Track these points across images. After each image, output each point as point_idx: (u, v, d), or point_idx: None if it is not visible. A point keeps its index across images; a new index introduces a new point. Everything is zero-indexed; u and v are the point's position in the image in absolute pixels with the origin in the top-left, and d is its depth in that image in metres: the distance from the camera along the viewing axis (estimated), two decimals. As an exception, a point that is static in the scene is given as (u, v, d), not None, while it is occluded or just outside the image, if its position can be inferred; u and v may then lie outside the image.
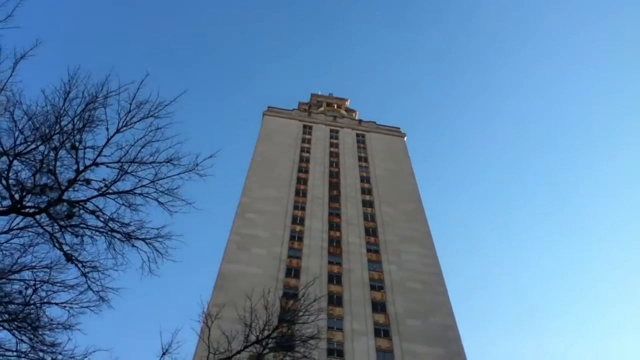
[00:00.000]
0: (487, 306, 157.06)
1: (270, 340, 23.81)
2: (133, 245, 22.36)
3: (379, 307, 59.19)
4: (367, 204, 78.69)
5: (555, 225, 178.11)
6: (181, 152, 23.06)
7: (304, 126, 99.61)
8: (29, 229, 20.93)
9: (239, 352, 23.28)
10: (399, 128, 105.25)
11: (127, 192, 22.02)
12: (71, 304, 22.23)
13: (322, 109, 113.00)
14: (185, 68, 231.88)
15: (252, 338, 23.63)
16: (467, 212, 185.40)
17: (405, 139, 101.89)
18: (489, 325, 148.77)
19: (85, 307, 22.57)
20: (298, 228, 70.44)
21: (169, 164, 22.47)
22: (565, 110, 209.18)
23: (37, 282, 21.08)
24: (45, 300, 21.74)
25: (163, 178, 22.67)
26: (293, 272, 62.55)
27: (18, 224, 20.84)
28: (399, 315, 58.05)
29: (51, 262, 22.19)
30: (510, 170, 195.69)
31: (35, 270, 22.08)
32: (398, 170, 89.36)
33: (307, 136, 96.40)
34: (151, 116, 22.32)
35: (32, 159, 20.38)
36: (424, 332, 56.17)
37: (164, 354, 22.36)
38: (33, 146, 20.31)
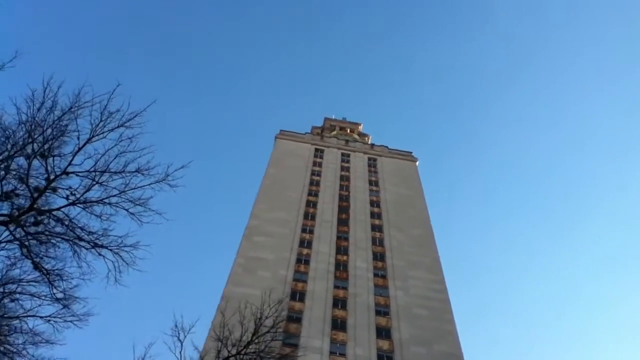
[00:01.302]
0: (493, 334, 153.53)
1: (244, 356, 23.58)
2: (99, 254, 22.49)
3: (383, 332, 58.36)
4: (376, 228, 78.24)
5: (566, 248, 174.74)
6: (152, 163, 23.16)
7: (316, 149, 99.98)
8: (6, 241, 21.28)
9: None
10: (411, 152, 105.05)
11: (96, 201, 22.23)
12: (55, 317, 22.38)
13: (334, 132, 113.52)
14: (200, 92, 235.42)
15: (225, 353, 23.45)
16: (475, 237, 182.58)
17: (417, 163, 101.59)
18: (494, 352, 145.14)
19: (69, 321, 22.72)
20: (305, 251, 70.20)
21: (138, 174, 22.62)
22: (575, 130, 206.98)
23: (13, 293, 21.35)
24: (30, 314, 21.96)
25: (133, 188, 22.82)
26: (298, 295, 62.16)
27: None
28: (403, 341, 57.12)
29: (38, 276, 22.43)
30: (519, 191, 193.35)
31: (22, 283, 22.35)
32: (409, 195, 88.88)
33: (319, 159, 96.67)
34: (122, 126, 22.58)
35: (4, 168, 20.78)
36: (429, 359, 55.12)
37: None
38: (6, 154, 20.70)
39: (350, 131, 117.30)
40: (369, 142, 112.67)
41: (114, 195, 22.65)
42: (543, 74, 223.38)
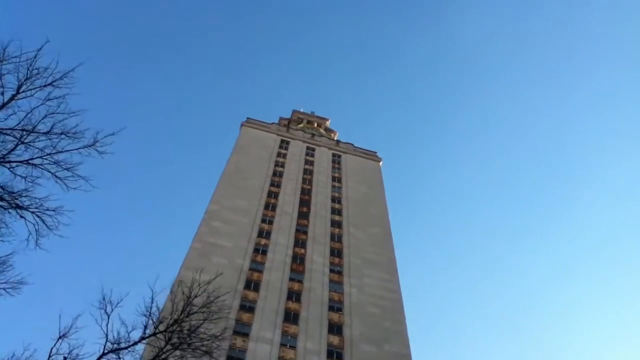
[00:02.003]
0: (447, 336, 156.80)
1: (172, 334, 23.02)
2: (20, 216, 21.62)
3: (335, 328, 58.48)
4: (336, 224, 78.36)
5: (527, 252, 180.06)
6: (81, 127, 22.35)
7: (282, 140, 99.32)
8: None
9: (135, 343, 22.52)
10: (375, 152, 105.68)
11: (20, 161, 21.34)
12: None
13: (301, 125, 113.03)
14: (170, 70, 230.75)
15: (152, 330, 22.88)
16: (433, 240, 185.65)
17: (381, 163, 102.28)
18: (444, 354, 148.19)
19: (2, 288, 21.76)
20: (263, 241, 69.65)
21: (66, 137, 21.80)
22: (548, 132, 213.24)
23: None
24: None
25: (61, 152, 21.97)
26: (253, 285, 61.62)
27: None
28: (354, 339, 57.39)
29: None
30: (482, 197, 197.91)
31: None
32: (370, 194, 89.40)
33: (283, 151, 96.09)
34: (50, 85, 21.64)
35: None
36: (378, 359, 55.54)
37: (60, 337, 21.64)
38: None
39: (317, 125, 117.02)
40: (335, 139, 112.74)
41: (39, 157, 21.69)
42: (515, 77, 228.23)
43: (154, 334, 23.38)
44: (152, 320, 23.79)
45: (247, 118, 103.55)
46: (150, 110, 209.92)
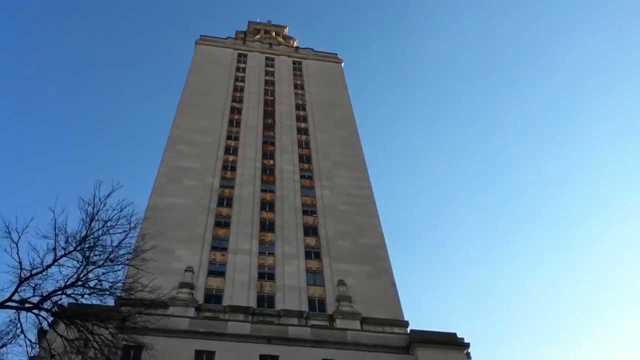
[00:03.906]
0: (417, 227, 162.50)
1: (89, 252, 23.69)
2: None
3: (310, 230, 60.42)
4: (302, 131, 78.61)
5: (493, 142, 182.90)
6: None
7: (239, 55, 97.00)
8: None
9: (49, 265, 23.34)
10: (336, 54, 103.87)
11: None
12: None
13: (258, 36, 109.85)
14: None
15: (61, 252, 23.47)
16: (403, 137, 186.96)
17: (343, 65, 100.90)
18: (420, 245, 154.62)
19: None
20: (231, 158, 70.05)
21: None
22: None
23: None
24: None
25: None
26: (225, 201, 62.70)
27: None
28: (329, 237, 59.51)
29: None
30: (449, 94, 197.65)
31: None
32: (334, 97, 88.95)
33: (242, 65, 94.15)
34: None
35: None
36: (354, 251, 57.96)
37: None
38: None
39: (275, 34, 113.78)
40: (295, 45, 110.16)
41: None
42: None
43: (65, 254, 23.92)
44: (59, 242, 23.89)
45: (201, 36, 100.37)
46: (102, 40, 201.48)
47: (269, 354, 41.96)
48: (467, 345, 44.31)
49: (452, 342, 43.67)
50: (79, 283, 23.34)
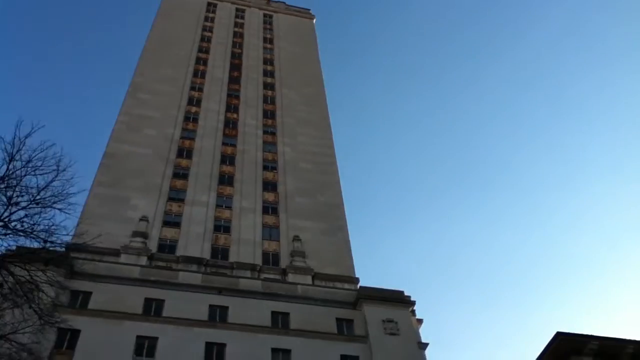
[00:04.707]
0: (384, 186, 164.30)
1: (11, 193, 23.30)
2: None
3: (270, 186, 60.57)
4: (269, 86, 77.75)
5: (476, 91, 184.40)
6: None
7: (208, 4, 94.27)
8: None
9: None
10: (309, 10, 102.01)
11: None
12: None
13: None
14: None
15: None
16: (376, 97, 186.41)
17: (315, 21, 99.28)
18: (378, 207, 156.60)
19: None
20: (194, 109, 69.02)
21: None
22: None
23: None
24: None
25: None
26: (185, 152, 62.10)
27: None
28: (288, 193, 59.83)
29: None
30: (422, 50, 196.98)
31: None
32: (303, 54, 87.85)
33: (211, 14, 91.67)
34: None
35: None
36: (311, 208, 58.50)
37: None
38: None
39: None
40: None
41: None
42: None
43: None
44: None
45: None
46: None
47: (219, 304, 42.50)
48: (413, 303, 45.76)
49: (399, 300, 45.00)
50: (0, 223, 22.94)
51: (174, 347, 38.37)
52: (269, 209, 57.76)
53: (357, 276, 51.44)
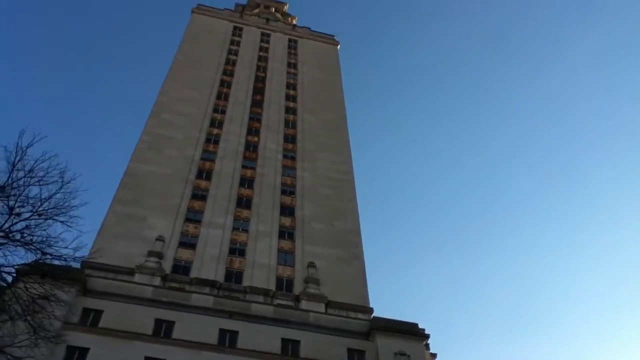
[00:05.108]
0: (404, 216, 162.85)
1: (13, 203, 23.23)
2: None
3: (287, 211, 60.29)
4: (290, 110, 78.11)
5: (486, 140, 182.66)
6: None
7: (235, 27, 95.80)
8: None
9: None
10: (333, 36, 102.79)
11: None
12: None
13: (257, 11, 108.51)
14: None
15: None
16: (391, 126, 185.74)
17: (339, 47, 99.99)
18: (398, 236, 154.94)
19: None
20: (215, 131, 69.55)
21: None
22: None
23: None
24: None
25: None
26: (205, 174, 62.37)
27: None
28: (305, 219, 59.44)
29: None
30: (442, 82, 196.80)
31: None
32: (326, 79, 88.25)
33: (237, 38, 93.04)
34: None
35: None
36: (328, 235, 57.93)
37: None
38: None
39: (275, 10, 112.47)
40: (294, 23, 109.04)
41: None
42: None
43: None
44: None
45: (198, 4, 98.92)
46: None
47: (229, 328, 42.05)
48: (427, 336, 44.69)
49: (412, 332, 43.98)
50: (1, 234, 22.90)
51: (181, 370, 37.90)
52: (285, 233, 57.40)
53: (371, 306, 50.51)
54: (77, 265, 28.78)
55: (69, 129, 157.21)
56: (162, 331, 40.55)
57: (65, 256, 24.53)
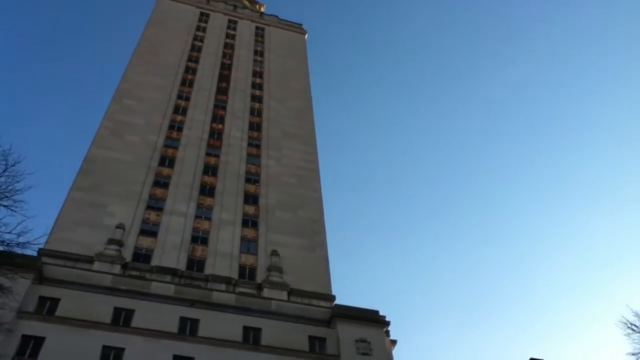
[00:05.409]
0: (368, 205, 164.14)
1: None
2: None
3: (251, 199, 60.10)
4: (256, 99, 77.58)
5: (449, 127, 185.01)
6: None
7: (201, 13, 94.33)
8: None
9: None
10: (301, 25, 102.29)
11: None
12: None
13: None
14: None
15: None
16: (359, 117, 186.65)
17: (306, 36, 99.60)
18: (362, 225, 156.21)
19: None
20: (179, 118, 68.60)
21: None
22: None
23: None
24: None
25: None
26: (167, 161, 61.55)
27: None
28: (269, 207, 59.36)
29: None
30: (407, 74, 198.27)
31: None
32: (293, 68, 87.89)
33: (203, 24, 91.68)
34: None
35: None
36: (292, 223, 58.02)
37: None
38: None
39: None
40: (262, 11, 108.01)
41: None
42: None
43: None
44: None
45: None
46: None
47: (190, 316, 41.79)
48: (388, 323, 45.33)
49: (373, 319, 44.55)
50: None
51: (140, 358, 37.57)
52: (249, 222, 57.23)
53: (334, 294, 50.91)
54: (22, 251, 28.19)
55: (21, 109, 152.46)
56: (122, 320, 40.02)
57: (7, 241, 23.80)
